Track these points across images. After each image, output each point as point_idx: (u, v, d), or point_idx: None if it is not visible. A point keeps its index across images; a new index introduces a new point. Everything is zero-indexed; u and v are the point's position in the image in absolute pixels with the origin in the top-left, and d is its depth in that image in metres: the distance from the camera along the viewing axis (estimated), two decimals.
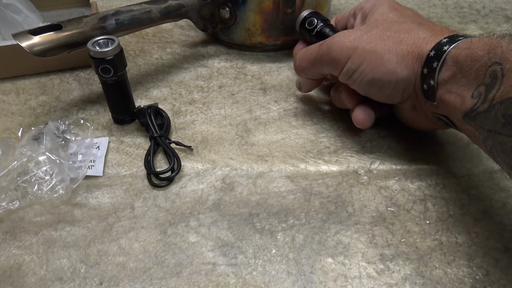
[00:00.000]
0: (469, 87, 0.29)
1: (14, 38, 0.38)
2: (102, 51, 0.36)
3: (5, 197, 0.34)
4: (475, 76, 0.28)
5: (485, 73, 0.27)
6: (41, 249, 0.32)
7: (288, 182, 0.37)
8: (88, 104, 0.45)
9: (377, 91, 0.35)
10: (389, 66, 0.33)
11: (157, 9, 0.45)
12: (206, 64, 0.51)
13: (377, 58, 0.33)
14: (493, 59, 0.27)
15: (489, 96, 0.27)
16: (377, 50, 0.33)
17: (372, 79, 0.34)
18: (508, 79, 0.26)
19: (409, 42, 0.33)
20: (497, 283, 0.29)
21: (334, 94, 0.41)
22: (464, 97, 0.29)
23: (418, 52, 0.32)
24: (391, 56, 0.33)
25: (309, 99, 0.46)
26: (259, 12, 0.48)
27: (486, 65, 0.27)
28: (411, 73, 0.33)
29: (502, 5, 0.61)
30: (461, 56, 0.29)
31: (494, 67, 0.27)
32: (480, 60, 0.28)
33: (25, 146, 0.37)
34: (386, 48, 0.33)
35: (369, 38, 0.34)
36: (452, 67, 0.30)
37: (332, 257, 0.31)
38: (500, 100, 0.26)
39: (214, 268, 0.31)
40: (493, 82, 0.27)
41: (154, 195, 0.36)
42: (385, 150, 0.39)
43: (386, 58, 0.33)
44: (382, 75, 0.33)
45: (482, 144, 0.30)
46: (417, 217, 0.34)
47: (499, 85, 0.26)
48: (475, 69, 0.28)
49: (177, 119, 0.43)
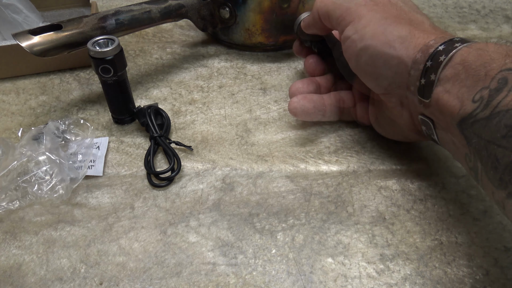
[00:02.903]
0: (471, 89, 0.26)
1: (14, 38, 0.38)
2: (102, 51, 0.36)
3: (5, 197, 0.34)
4: (480, 78, 0.26)
5: (493, 77, 0.25)
6: (41, 249, 0.32)
7: (288, 182, 0.37)
8: (88, 104, 0.46)
9: (369, 62, 0.33)
10: (390, 37, 0.31)
11: (157, 9, 0.45)
12: (206, 64, 0.51)
13: (382, 26, 0.32)
14: (509, 64, 0.25)
15: (492, 102, 0.24)
16: (386, 20, 0.32)
17: (368, 45, 0.32)
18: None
19: (419, 29, 0.31)
20: (497, 283, 0.29)
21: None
22: (464, 100, 0.27)
23: (426, 44, 0.30)
24: (396, 31, 0.31)
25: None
26: (259, 12, 0.48)
27: (498, 69, 0.25)
28: (409, 57, 0.31)
29: (502, 5, 0.61)
30: (471, 55, 0.27)
31: (506, 72, 0.25)
32: (492, 63, 0.26)
33: (25, 146, 0.37)
34: (395, 23, 0.32)
35: (384, 9, 0.33)
36: (457, 66, 0.28)
37: (332, 257, 0.31)
38: (506, 109, 0.24)
39: (214, 268, 0.31)
40: (500, 88, 0.24)
41: (154, 195, 0.36)
42: (385, 150, 0.39)
43: (390, 30, 0.31)
44: (380, 44, 0.32)
45: (464, 160, 0.28)
46: (417, 217, 0.34)
47: (508, 91, 0.24)
48: (484, 71, 0.26)
49: (177, 119, 0.43)
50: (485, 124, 0.25)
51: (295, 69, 0.50)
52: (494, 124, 0.24)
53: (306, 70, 0.43)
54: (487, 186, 0.26)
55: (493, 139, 0.24)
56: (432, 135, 0.31)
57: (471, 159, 0.27)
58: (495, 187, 0.24)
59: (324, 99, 0.40)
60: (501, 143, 0.24)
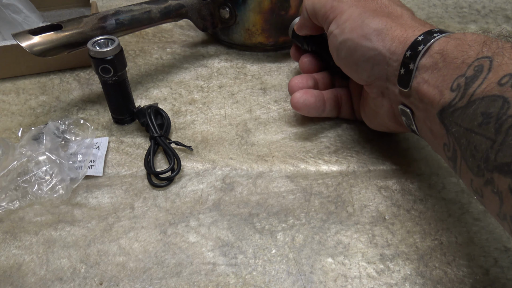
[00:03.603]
0: (449, 78, 0.27)
1: (14, 38, 0.38)
2: (102, 51, 0.36)
3: (5, 197, 0.34)
4: (457, 66, 0.26)
5: (470, 64, 0.26)
6: (41, 249, 0.32)
7: (288, 182, 0.37)
8: (88, 104, 0.46)
9: (348, 54, 0.34)
10: (366, 30, 0.32)
11: (157, 9, 0.45)
12: (206, 64, 0.51)
13: (359, 20, 0.33)
14: (486, 52, 0.25)
15: (469, 90, 0.25)
16: (364, 14, 0.33)
17: (346, 39, 0.33)
18: (494, 74, 0.24)
19: (397, 22, 0.32)
20: (497, 283, 0.29)
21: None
22: (443, 89, 0.27)
23: (404, 36, 0.31)
24: (373, 23, 0.32)
25: None
26: (259, 12, 0.48)
27: (475, 57, 0.26)
28: (386, 49, 0.32)
29: (502, 5, 0.61)
30: (450, 45, 0.28)
31: (482, 60, 0.25)
32: (469, 51, 0.26)
33: (25, 146, 0.37)
34: (373, 16, 0.33)
35: (364, 4, 0.35)
36: (435, 55, 0.28)
37: (332, 257, 0.31)
38: (481, 97, 0.24)
39: (214, 268, 0.31)
40: (476, 76, 0.25)
41: (154, 195, 0.36)
42: (385, 150, 0.39)
43: (366, 23, 0.33)
44: (357, 37, 0.33)
45: (442, 150, 0.28)
46: (417, 217, 0.34)
47: (483, 79, 0.24)
48: (461, 59, 0.26)
49: (177, 119, 0.43)
50: (463, 112, 0.25)
51: (295, 69, 0.50)
52: (471, 112, 0.25)
53: (301, 68, 0.44)
54: (465, 174, 0.26)
55: (471, 127, 0.24)
56: (411, 125, 0.32)
57: (449, 149, 0.27)
58: (474, 175, 0.25)
59: (323, 94, 0.40)
60: (478, 131, 0.24)
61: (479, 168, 0.24)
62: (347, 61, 0.35)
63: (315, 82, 0.42)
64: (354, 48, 0.33)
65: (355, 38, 0.33)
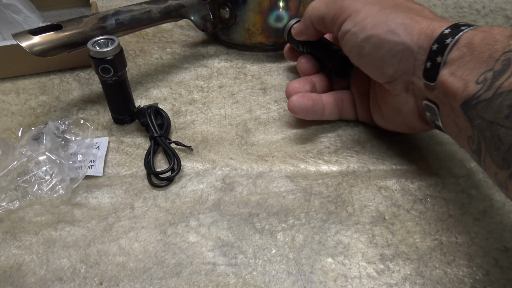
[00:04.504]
0: (475, 71, 0.27)
1: (14, 38, 0.38)
2: (102, 51, 0.36)
3: (5, 197, 0.34)
4: (485, 60, 0.26)
5: (497, 59, 0.26)
6: (41, 249, 0.32)
7: (288, 182, 0.37)
8: (88, 104, 0.46)
9: (373, 50, 0.33)
10: (392, 25, 0.32)
11: (157, 9, 0.45)
12: (206, 64, 0.51)
13: (382, 16, 0.32)
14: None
15: (496, 83, 0.25)
16: (385, 10, 0.33)
17: (370, 35, 0.33)
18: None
19: (421, 15, 0.32)
20: (497, 283, 0.29)
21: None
22: (468, 82, 0.27)
23: (430, 29, 0.30)
24: (398, 18, 0.32)
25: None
26: (259, 12, 0.48)
27: (502, 50, 0.26)
28: (413, 42, 0.31)
29: (502, 5, 0.61)
30: (477, 38, 0.28)
31: (510, 54, 0.25)
32: (496, 44, 0.26)
33: (25, 146, 0.37)
34: (396, 12, 0.32)
35: (380, 1, 0.34)
36: (463, 48, 0.28)
37: (332, 257, 0.31)
38: (509, 89, 0.24)
39: (214, 268, 0.31)
40: (504, 69, 0.25)
41: (154, 195, 0.36)
42: (385, 150, 0.39)
43: (391, 18, 0.32)
44: (382, 32, 0.32)
45: (467, 143, 0.28)
46: (417, 217, 0.34)
47: (511, 73, 0.24)
48: (488, 53, 0.26)
49: (177, 119, 0.43)
50: (488, 105, 0.25)
51: (295, 69, 0.50)
52: (496, 104, 0.24)
53: (299, 70, 0.44)
54: (490, 167, 0.26)
55: (496, 119, 0.24)
56: (436, 120, 0.32)
57: (474, 141, 0.27)
58: (499, 168, 0.25)
59: (323, 98, 0.40)
60: (504, 123, 0.24)
61: (504, 161, 0.24)
62: (371, 58, 0.34)
63: (313, 85, 0.42)
64: (379, 44, 0.32)
65: (381, 34, 0.32)
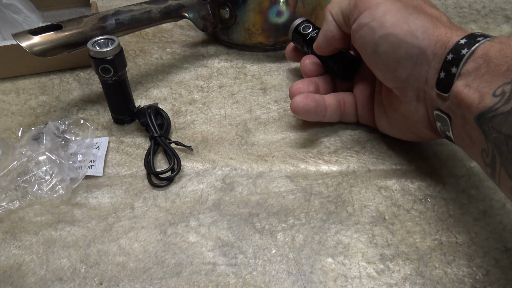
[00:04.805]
0: (492, 84, 0.26)
1: (14, 38, 0.38)
2: (102, 51, 0.36)
3: (5, 197, 0.34)
4: (502, 73, 0.26)
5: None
6: (41, 249, 0.32)
7: (288, 182, 0.37)
8: (88, 104, 0.46)
9: (390, 51, 0.31)
10: (412, 26, 0.30)
11: (157, 9, 0.45)
12: (206, 64, 0.51)
13: (404, 15, 0.31)
14: None
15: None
16: (407, 9, 0.31)
17: (388, 33, 0.31)
18: None
19: (440, 21, 0.31)
20: (497, 283, 0.29)
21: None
22: (484, 94, 0.26)
23: (447, 37, 0.29)
24: (419, 20, 0.31)
25: None
26: (259, 12, 0.48)
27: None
28: (431, 49, 0.30)
29: (502, 5, 0.61)
30: (493, 49, 0.27)
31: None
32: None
33: (25, 146, 0.37)
34: (417, 13, 0.31)
35: (402, 0, 0.33)
36: (478, 59, 0.27)
37: (332, 257, 0.31)
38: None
39: (214, 268, 0.31)
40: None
41: (154, 195, 0.36)
42: (385, 150, 0.39)
43: (412, 19, 0.31)
44: (401, 32, 0.31)
45: (480, 156, 0.27)
46: (417, 217, 0.34)
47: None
48: (506, 65, 0.25)
49: (177, 119, 0.43)
50: (505, 119, 0.24)
51: (295, 69, 0.50)
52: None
53: (303, 71, 0.43)
54: (505, 182, 0.25)
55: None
56: (447, 131, 0.31)
57: (488, 155, 0.26)
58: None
59: (325, 99, 0.39)
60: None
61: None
62: (386, 58, 0.32)
63: (316, 86, 0.41)
64: (397, 44, 0.31)
65: (399, 34, 0.31)
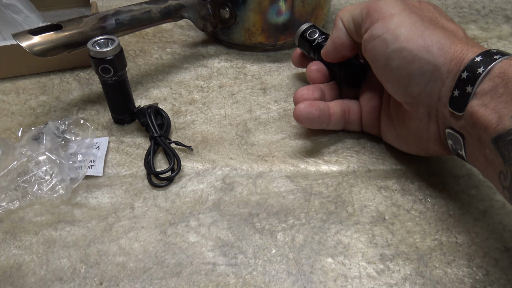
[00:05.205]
0: (510, 105, 0.25)
1: (14, 38, 0.38)
2: (102, 51, 0.36)
3: (5, 197, 0.34)
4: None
5: None
6: (41, 249, 0.32)
7: (288, 182, 0.37)
8: (88, 104, 0.46)
9: (402, 65, 0.30)
10: (428, 41, 0.29)
11: (157, 9, 0.45)
12: (206, 64, 0.51)
13: (419, 28, 0.30)
14: None
15: None
16: (422, 23, 0.30)
17: (402, 48, 0.30)
18: None
19: (456, 37, 0.30)
20: (497, 283, 0.29)
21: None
22: (502, 115, 0.25)
23: (463, 53, 0.28)
24: (435, 35, 0.29)
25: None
26: (259, 12, 0.48)
27: None
28: (446, 67, 0.28)
29: (502, 5, 0.61)
30: (511, 69, 0.26)
31: None
32: None
33: (25, 146, 0.37)
34: (433, 27, 0.30)
35: (417, 12, 0.31)
36: (495, 79, 0.26)
37: (332, 257, 0.31)
38: None
39: (214, 268, 0.31)
40: None
41: (154, 195, 0.36)
42: (385, 150, 0.39)
43: (427, 34, 0.29)
44: (416, 47, 0.29)
45: (497, 178, 0.26)
46: (417, 217, 0.34)
47: None
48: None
49: (177, 119, 0.43)
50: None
51: (295, 69, 0.50)
52: None
53: (309, 78, 0.41)
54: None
55: None
56: (459, 149, 0.30)
57: (507, 178, 0.25)
58: None
59: (330, 107, 0.38)
60: None
61: None
62: (398, 73, 0.31)
63: (322, 93, 0.39)
64: (411, 59, 0.29)
65: (414, 49, 0.29)
